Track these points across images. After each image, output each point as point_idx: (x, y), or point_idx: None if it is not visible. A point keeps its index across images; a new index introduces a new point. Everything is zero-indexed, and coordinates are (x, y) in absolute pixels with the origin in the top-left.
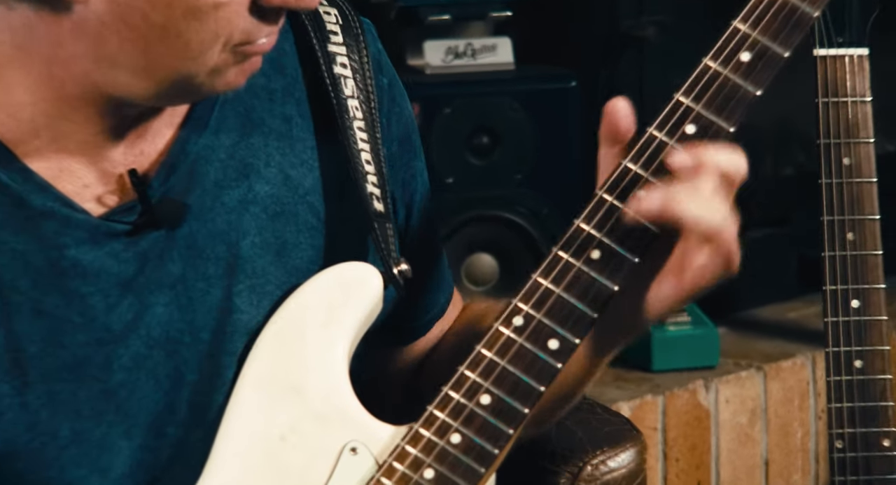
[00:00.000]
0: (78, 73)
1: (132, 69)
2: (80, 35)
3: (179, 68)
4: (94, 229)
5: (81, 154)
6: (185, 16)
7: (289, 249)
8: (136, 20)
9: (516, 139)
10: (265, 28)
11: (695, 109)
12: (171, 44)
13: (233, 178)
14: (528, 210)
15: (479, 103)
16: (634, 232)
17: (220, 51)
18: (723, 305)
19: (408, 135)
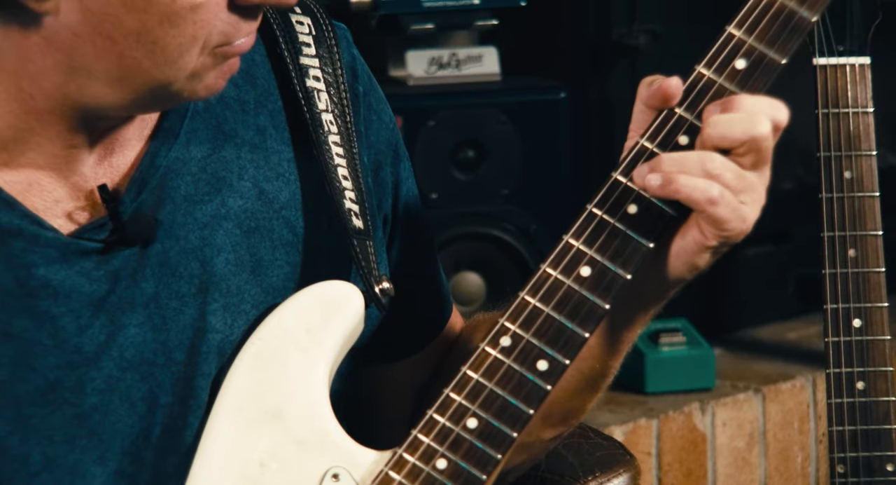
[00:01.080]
0: (48, 87)
1: (107, 79)
2: (51, 48)
3: (157, 75)
4: (64, 248)
5: (51, 168)
6: (161, 21)
7: (264, 266)
8: (111, 29)
9: (503, 153)
10: (243, 27)
11: (688, 120)
12: (148, 50)
13: (205, 192)
14: (515, 227)
15: (464, 116)
16: (626, 247)
17: (198, 54)
18: (719, 325)
19: (388, 141)
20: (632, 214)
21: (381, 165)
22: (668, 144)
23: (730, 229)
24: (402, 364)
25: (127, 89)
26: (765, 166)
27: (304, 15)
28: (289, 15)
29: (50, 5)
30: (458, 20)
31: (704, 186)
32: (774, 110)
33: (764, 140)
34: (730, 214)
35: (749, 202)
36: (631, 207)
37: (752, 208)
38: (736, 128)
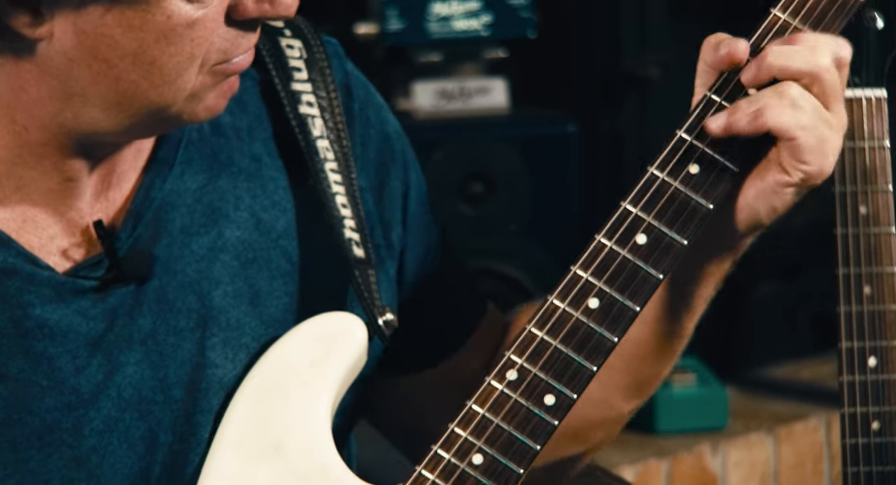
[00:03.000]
0: (43, 117)
1: (104, 104)
2: (45, 76)
3: (155, 97)
4: (59, 286)
5: (46, 204)
6: (158, 40)
7: (263, 297)
8: (106, 50)
9: (512, 187)
10: (242, 43)
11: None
12: (146, 71)
13: (201, 223)
14: (524, 262)
15: (472, 149)
16: (635, 277)
17: (196, 73)
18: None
19: (391, 151)
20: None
21: (384, 181)
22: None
23: (813, 162)
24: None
25: (124, 114)
26: (836, 104)
27: (295, 38)
28: (278, 39)
29: (44, 30)
30: (466, 51)
31: (793, 111)
32: (837, 46)
33: (825, 71)
34: (816, 144)
35: (829, 139)
36: (640, 237)
37: (832, 146)
38: (797, 57)
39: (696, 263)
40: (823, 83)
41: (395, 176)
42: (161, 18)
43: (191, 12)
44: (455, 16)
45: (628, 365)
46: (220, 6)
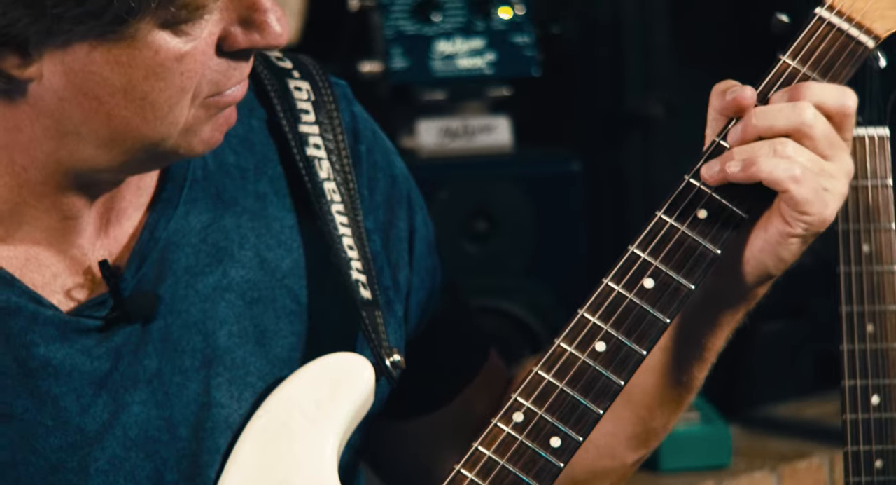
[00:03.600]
0: (40, 156)
1: (98, 141)
2: (39, 115)
3: (148, 133)
4: (63, 326)
5: (49, 242)
6: (147, 75)
7: (269, 337)
8: (96, 88)
9: (516, 225)
10: (234, 75)
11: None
12: (137, 107)
13: (206, 263)
14: (527, 300)
15: (476, 187)
16: (643, 321)
17: (189, 107)
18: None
19: (398, 194)
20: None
21: (392, 222)
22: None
23: (813, 213)
24: (439, 413)
25: (118, 150)
26: (834, 152)
27: (303, 79)
28: (287, 80)
29: (33, 71)
30: (470, 89)
31: (786, 164)
32: (831, 97)
33: (810, 126)
34: (813, 196)
35: (829, 188)
36: (647, 281)
37: (833, 195)
38: (779, 117)
39: (709, 313)
40: (812, 137)
41: (401, 218)
42: (148, 53)
43: (179, 46)
44: (459, 54)
45: (636, 414)
46: (209, 38)
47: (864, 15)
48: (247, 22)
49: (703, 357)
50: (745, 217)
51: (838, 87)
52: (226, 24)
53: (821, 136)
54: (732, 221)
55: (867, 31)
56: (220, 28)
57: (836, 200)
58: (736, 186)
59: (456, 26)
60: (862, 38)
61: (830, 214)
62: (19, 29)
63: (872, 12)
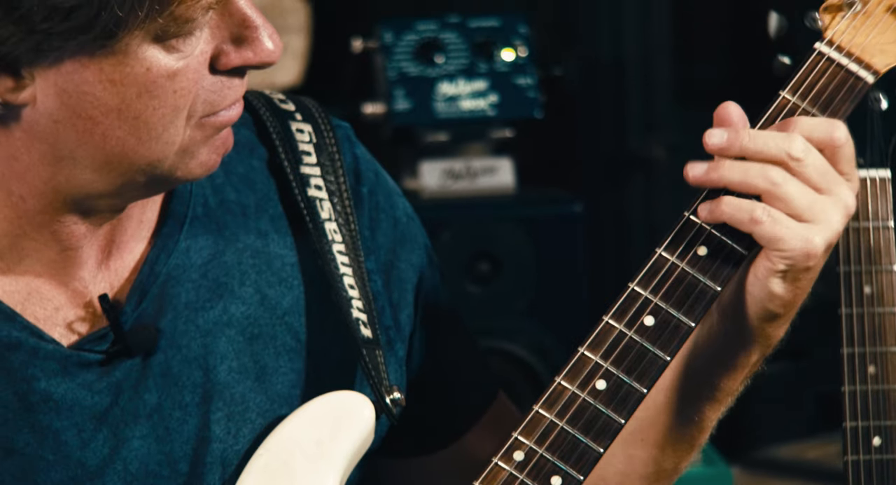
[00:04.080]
0: (37, 184)
1: (94, 165)
2: (34, 141)
3: (144, 153)
4: (64, 360)
5: (49, 275)
6: (140, 93)
7: (269, 373)
8: (90, 108)
9: (518, 266)
10: (228, 94)
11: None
12: (131, 127)
13: (206, 298)
14: (529, 341)
15: (478, 228)
16: (643, 359)
17: (184, 127)
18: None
19: (400, 235)
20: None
21: (393, 263)
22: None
23: (789, 249)
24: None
25: (115, 173)
26: (830, 187)
27: (305, 122)
28: (289, 122)
29: (27, 95)
30: (472, 131)
31: (748, 206)
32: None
33: (798, 158)
34: (783, 232)
35: (814, 222)
36: (648, 318)
37: (822, 228)
38: (769, 143)
39: (720, 354)
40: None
41: (404, 259)
42: (140, 71)
43: (171, 63)
44: (462, 96)
45: (649, 454)
46: (202, 56)
47: (863, 50)
48: (239, 39)
49: (716, 398)
50: (744, 254)
51: (828, 120)
52: (218, 42)
53: (812, 167)
54: (732, 258)
55: (867, 67)
56: (213, 46)
57: (824, 231)
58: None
59: (459, 68)
60: (861, 73)
61: (815, 248)
62: (9, 47)
63: (872, 47)
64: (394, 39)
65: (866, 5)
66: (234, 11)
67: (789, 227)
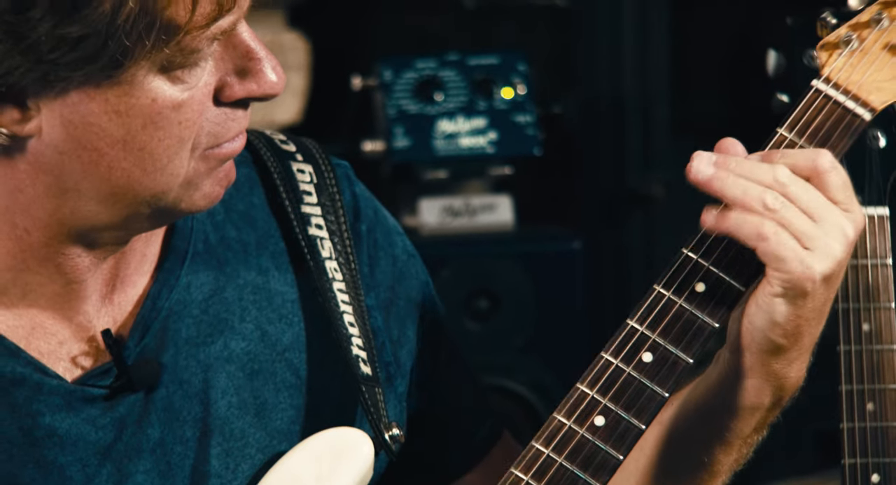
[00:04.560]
0: (42, 216)
1: (99, 196)
2: (39, 173)
3: (149, 184)
4: (69, 395)
5: (54, 309)
6: (145, 124)
7: (268, 409)
8: (95, 139)
9: (517, 303)
10: (232, 126)
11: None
12: (137, 158)
13: (207, 334)
14: (528, 378)
15: (477, 265)
16: (641, 395)
17: (188, 158)
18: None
19: (399, 273)
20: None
21: (393, 300)
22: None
23: (789, 271)
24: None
25: (120, 204)
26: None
27: (306, 162)
28: (290, 163)
29: (32, 126)
30: (471, 168)
31: (756, 219)
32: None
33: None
34: (787, 253)
35: (814, 248)
36: (646, 354)
37: (819, 254)
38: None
39: (730, 394)
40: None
41: (403, 296)
42: (145, 102)
43: (176, 94)
44: (461, 133)
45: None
46: (206, 88)
47: (860, 87)
48: (243, 71)
49: (727, 440)
50: (742, 290)
51: (812, 149)
52: (222, 74)
53: (801, 196)
54: (730, 295)
55: (863, 104)
56: (217, 78)
57: (824, 260)
58: (733, 258)
59: (458, 106)
60: (858, 110)
61: (812, 274)
62: (16, 77)
63: (869, 84)
64: (393, 77)
65: (863, 43)
66: (238, 43)
67: (793, 249)
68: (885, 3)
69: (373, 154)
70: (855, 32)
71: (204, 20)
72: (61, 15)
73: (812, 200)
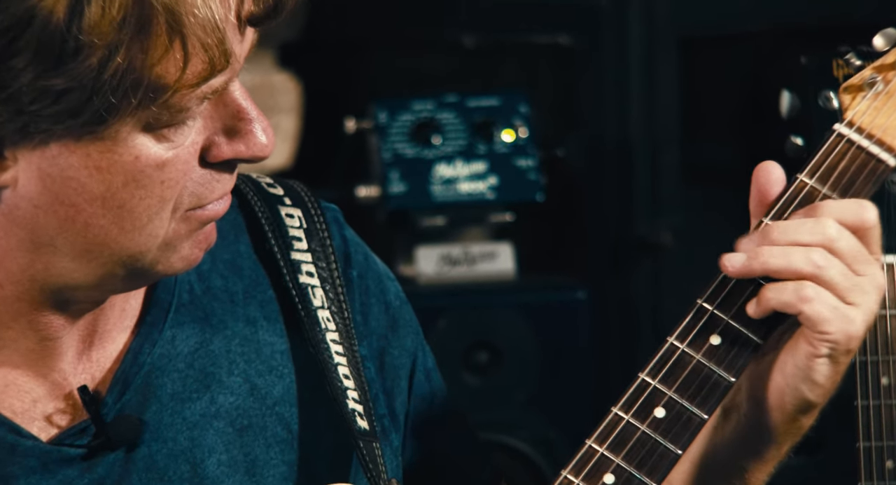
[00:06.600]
0: (14, 269)
1: (73, 253)
2: (13, 226)
3: (126, 244)
4: (44, 456)
5: (27, 366)
6: (126, 182)
7: (259, 466)
8: (73, 195)
9: (519, 356)
10: (217, 187)
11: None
12: (115, 216)
13: (193, 389)
14: (532, 435)
15: (477, 316)
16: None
17: (169, 219)
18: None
19: (391, 320)
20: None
21: (385, 350)
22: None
23: (833, 331)
24: None
25: (95, 262)
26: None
27: (295, 206)
28: (278, 207)
29: (8, 177)
30: (471, 215)
31: (794, 285)
32: (843, 211)
33: (834, 241)
34: (830, 313)
35: (858, 303)
36: (659, 411)
37: (861, 310)
38: (802, 231)
39: (752, 446)
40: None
41: (396, 345)
42: (128, 159)
43: (160, 153)
44: (460, 178)
45: None
46: (192, 147)
47: (885, 131)
48: (232, 131)
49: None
50: (759, 343)
51: (856, 201)
52: (210, 133)
53: (848, 250)
54: (747, 348)
55: (888, 149)
56: (204, 137)
57: (865, 315)
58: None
59: (456, 149)
60: (883, 155)
61: (857, 330)
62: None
63: (894, 129)
64: (389, 119)
65: (888, 85)
66: (230, 102)
67: (835, 308)
68: None
69: (367, 200)
70: (880, 74)
71: (195, 79)
72: (45, 66)
73: (858, 255)
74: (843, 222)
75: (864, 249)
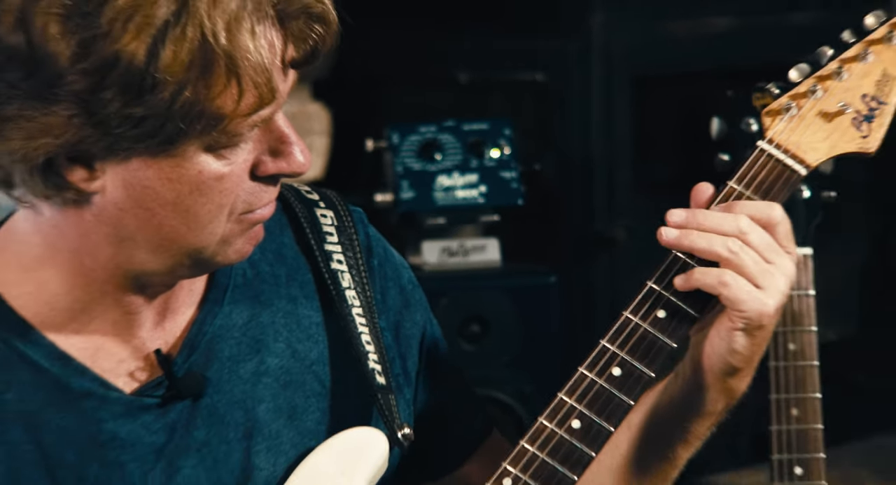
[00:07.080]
0: (103, 258)
1: (149, 247)
2: (101, 224)
3: (191, 240)
4: (128, 405)
5: (114, 333)
6: (191, 191)
7: (299, 413)
8: (150, 200)
9: (503, 328)
10: (264, 196)
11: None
12: (182, 218)
13: (246, 353)
14: (514, 390)
15: (470, 296)
16: (611, 403)
17: (226, 221)
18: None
19: (405, 300)
20: (616, 375)
21: (401, 323)
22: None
23: (747, 310)
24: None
25: (166, 255)
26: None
27: (328, 208)
28: (314, 209)
29: (98, 185)
30: (465, 216)
31: (717, 272)
32: (754, 209)
33: (745, 233)
34: (745, 296)
35: (765, 288)
36: (615, 369)
37: (772, 293)
38: (723, 223)
39: (694, 404)
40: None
41: (409, 319)
42: (193, 173)
43: (219, 168)
44: (457, 187)
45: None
46: (244, 164)
47: (798, 147)
48: (276, 151)
49: (687, 440)
50: (696, 316)
51: (766, 202)
52: (258, 153)
53: (759, 242)
54: (686, 320)
55: (800, 161)
56: (254, 156)
57: (776, 297)
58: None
59: (454, 164)
60: (796, 166)
61: (768, 309)
62: (87, 145)
63: (805, 145)
64: (400, 140)
65: (801, 110)
66: (275, 128)
67: (749, 291)
68: (819, 77)
69: (383, 204)
70: (794, 101)
71: (247, 110)
72: (129, 98)
73: (768, 246)
74: (755, 218)
75: (774, 241)
